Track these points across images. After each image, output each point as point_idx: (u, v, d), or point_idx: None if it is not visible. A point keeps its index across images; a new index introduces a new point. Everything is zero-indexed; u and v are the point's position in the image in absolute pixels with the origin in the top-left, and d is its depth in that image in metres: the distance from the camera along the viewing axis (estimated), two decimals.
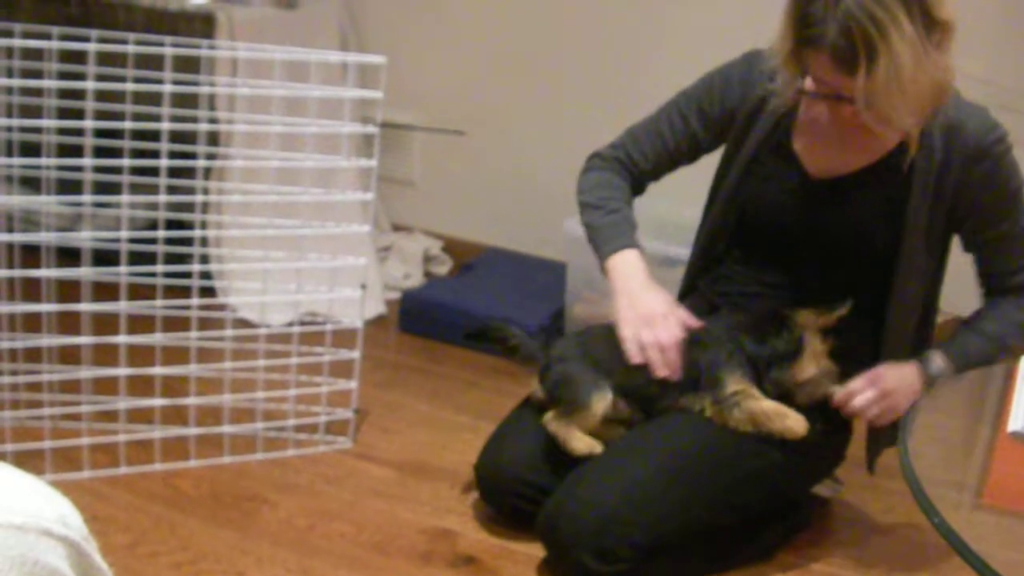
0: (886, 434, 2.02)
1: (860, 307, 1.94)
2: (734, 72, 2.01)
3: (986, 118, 1.87)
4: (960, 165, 1.85)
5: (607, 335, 1.97)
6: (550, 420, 1.92)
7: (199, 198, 2.19)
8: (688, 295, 2.14)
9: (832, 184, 1.93)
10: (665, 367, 1.90)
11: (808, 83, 1.78)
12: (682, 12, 3.08)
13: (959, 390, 1.93)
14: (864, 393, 1.90)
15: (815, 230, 1.95)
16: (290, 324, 2.30)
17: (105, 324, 2.09)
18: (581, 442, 1.89)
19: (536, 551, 1.95)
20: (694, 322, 1.96)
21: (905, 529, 2.17)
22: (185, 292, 2.15)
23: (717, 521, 1.91)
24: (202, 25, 2.82)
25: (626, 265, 2.00)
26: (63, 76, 1.99)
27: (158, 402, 2.17)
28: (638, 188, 2.13)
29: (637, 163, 2.10)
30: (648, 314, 1.93)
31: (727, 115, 2.01)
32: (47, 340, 2.08)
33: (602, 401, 1.89)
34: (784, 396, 1.91)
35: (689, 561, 1.91)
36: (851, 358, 1.94)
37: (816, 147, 1.95)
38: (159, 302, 2.11)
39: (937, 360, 1.92)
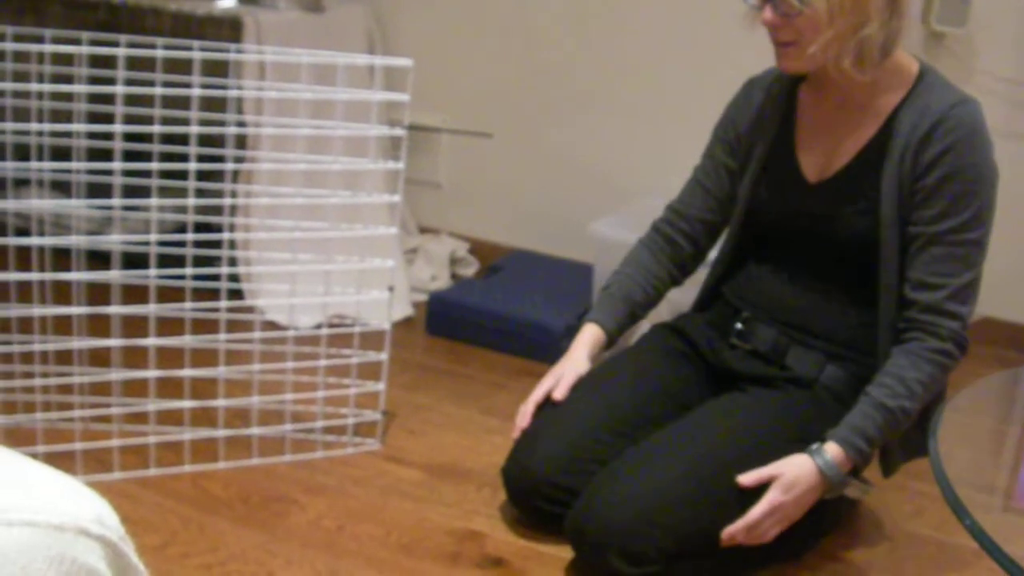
0: (907, 446, 2.02)
1: (860, 299, 1.95)
2: (738, 98, 2.14)
3: (956, 94, 1.85)
4: (919, 143, 1.82)
5: None
6: None
7: (227, 201, 2.20)
8: (713, 302, 2.16)
9: (824, 189, 1.95)
10: (518, 424, 2.05)
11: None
12: (713, 20, 3.07)
13: (988, 391, 1.92)
14: (763, 525, 1.82)
15: (809, 237, 1.98)
16: (318, 326, 2.31)
17: (135, 327, 2.11)
18: None
19: (564, 553, 1.95)
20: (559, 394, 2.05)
21: (935, 531, 2.16)
22: (214, 295, 2.16)
23: None
24: (230, 29, 2.84)
25: (578, 336, 2.14)
26: (93, 81, 2.01)
27: (187, 404, 2.18)
28: (689, 245, 2.19)
29: (687, 217, 2.18)
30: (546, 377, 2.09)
31: (741, 134, 2.10)
32: (77, 343, 2.10)
33: None
34: None
35: (717, 563, 1.91)
36: (852, 347, 1.95)
37: (813, 143, 1.98)
38: (188, 305, 2.13)
39: (831, 454, 1.81)
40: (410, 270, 3.26)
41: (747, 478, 1.82)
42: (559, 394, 2.04)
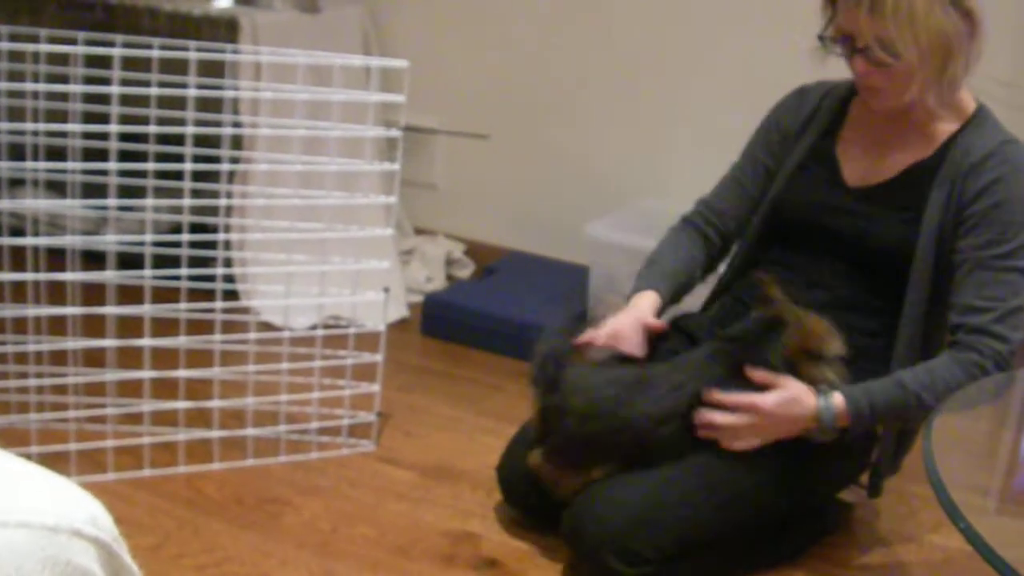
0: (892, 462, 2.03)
1: (876, 308, 1.96)
2: (788, 101, 2.14)
3: (1007, 133, 1.91)
4: (969, 170, 1.86)
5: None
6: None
7: (223, 202, 2.19)
8: (721, 295, 2.15)
9: (865, 194, 1.96)
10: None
11: (831, 31, 1.88)
12: (709, 22, 3.07)
13: (983, 394, 1.92)
14: (738, 422, 1.83)
15: (841, 237, 1.97)
16: (313, 327, 2.31)
17: (130, 327, 2.10)
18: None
19: (560, 554, 1.95)
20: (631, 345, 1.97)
21: (930, 534, 2.16)
22: (209, 295, 2.16)
23: (743, 524, 1.90)
24: (226, 30, 2.84)
25: (635, 299, 2.04)
26: (88, 81, 2.01)
27: (182, 405, 2.18)
28: (719, 240, 2.17)
29: (720, 212, 2.16)
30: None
31: (785, 136, 2.10)
32: (72, 343, 2.09)
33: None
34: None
35: (714, 564, 1.91)
36: (859, 354, 1.94)
37: (857, 152, 2.01)
38: (183, 305, 2.12)
39: (834, 400, 1.83)
40: (406, 271, 3.25)
41: (758, 374, 1.83)
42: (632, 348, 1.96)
